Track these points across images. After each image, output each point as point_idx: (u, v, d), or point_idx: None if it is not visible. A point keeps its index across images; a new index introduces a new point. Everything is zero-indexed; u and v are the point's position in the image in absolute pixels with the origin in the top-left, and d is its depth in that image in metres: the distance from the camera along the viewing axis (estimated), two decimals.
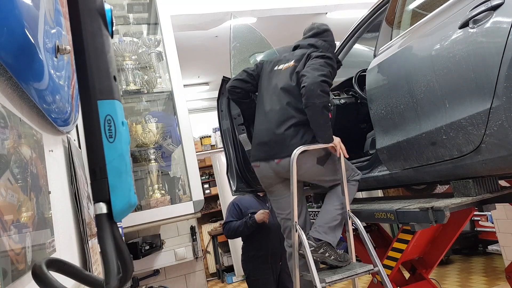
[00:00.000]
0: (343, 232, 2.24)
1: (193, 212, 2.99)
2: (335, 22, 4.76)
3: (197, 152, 3.67)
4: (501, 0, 1.47)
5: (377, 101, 2.15)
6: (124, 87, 3.19)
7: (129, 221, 2.81)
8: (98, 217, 0.69)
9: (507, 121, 1.45)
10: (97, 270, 1.65)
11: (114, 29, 0.80)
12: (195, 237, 3.97)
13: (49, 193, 1.04)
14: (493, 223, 4.37)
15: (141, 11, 3.53)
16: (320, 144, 2.06)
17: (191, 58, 5.72)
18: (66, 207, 1.33)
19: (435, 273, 5.01)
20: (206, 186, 7.98)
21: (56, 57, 1.02)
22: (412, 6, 2.16)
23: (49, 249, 0.96)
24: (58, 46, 1.02)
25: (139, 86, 3.25)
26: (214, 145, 7.47)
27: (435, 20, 1.81)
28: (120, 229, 1.07)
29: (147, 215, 2.90)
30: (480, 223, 5.33)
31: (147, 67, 3.41)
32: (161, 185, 3.17)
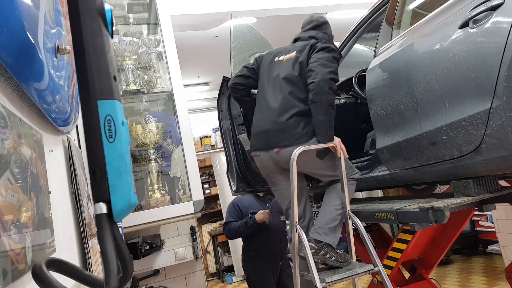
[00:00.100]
0: (343, 232, 2.23)
1: (193, 212, 2.99)
2: (335, 22, 4.73)
3: (197, 152, 3.67)
4: (501, 0, 1.47)
5: (377, 101, 2.15)
6: (124, 87, 3.19)
7: (129, 221, 2.82)
8: (98, 217, 0.69)
9: (507, 121, 1.45)
10: (97, 270, 1.65)
11: (114, 29, 0.80)
12: (195, 237, 3.97)
13: (49, 193, 1.04)
14: (493, 223, 4.37)
15: (141, 11, 3.53)
16: (320, 144, 2.06)
17: (191, 58, 5.72)
18: (66, 207, 1.33)
19: (435, 273, 5.01)
20: (206, 186, 7.98)
21: (56, 57, 1.02)
22: (412, 6, 2.16)
23: (49, 249, 0.96)
24: (58, 46, 1.02)
25: (139, 86, 3.25)
26: (214, 145, 7.47)
27: (435, 20, 1.81)
28: (120, 229, 1.07)
29: (147, 215, 2.90)
30: (480, 223, 5.33)
31: (147, 67, 3.41)
32: (161, 185, 3.17)
